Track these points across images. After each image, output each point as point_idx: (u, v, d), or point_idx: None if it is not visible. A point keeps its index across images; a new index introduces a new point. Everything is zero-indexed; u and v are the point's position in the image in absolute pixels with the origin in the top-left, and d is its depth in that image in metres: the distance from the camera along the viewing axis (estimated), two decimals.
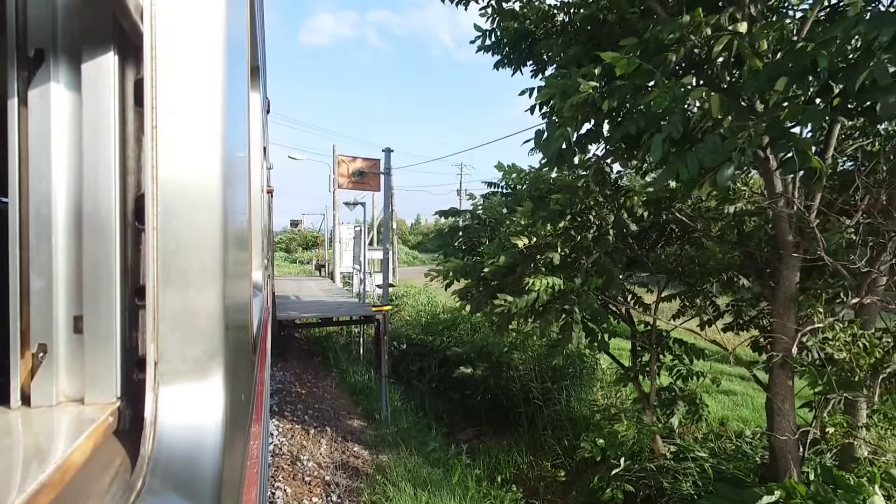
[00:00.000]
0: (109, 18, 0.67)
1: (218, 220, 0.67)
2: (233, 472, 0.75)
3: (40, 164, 0.65)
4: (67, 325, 0.66)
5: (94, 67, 0.66)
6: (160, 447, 0.59)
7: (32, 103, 0.64)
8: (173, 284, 0.63)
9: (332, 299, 14.09)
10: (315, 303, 12.99)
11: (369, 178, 8.12)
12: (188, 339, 0.64)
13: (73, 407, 0.65)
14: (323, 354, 11.85)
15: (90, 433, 0.57)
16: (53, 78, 0.65)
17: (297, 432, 6.65)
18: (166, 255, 0.63)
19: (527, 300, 4.58)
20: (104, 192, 0.66)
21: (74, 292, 0.66)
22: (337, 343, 12.98)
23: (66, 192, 0.66)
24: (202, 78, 0.65)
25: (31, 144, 0.64)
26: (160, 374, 0.62)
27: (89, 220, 0.66)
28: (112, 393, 0.66)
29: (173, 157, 0.64)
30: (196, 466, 0.61)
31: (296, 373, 9.83)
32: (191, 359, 0.64)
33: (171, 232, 0.63)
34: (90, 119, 0.66)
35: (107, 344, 0.66)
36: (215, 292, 0.66)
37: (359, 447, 6.51)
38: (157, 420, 0.60)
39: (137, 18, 0.63)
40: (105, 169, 0.66)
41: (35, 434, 0.59)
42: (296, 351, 11.97)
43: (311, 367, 10.64)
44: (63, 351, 0.66)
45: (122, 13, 0.64)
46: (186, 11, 0.63)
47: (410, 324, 14.25)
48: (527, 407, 8.65)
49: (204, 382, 0.64)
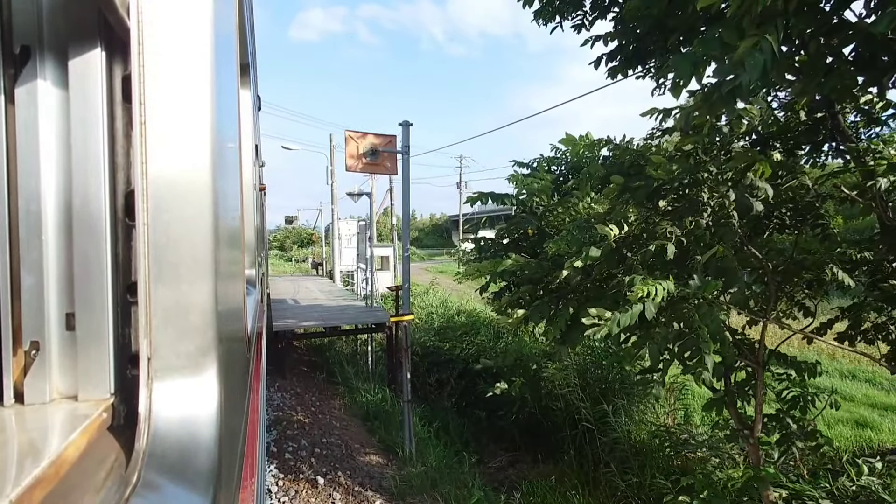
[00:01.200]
0: (95, 14, 0.66)
1: (209, 214, 0.66)
2: (229, 465, 0.75)
3: (29, 162, 0.64)
4: (59, 322, 0.65)
5: (81, 63, 0.66)
6: (155, 442, 0.59)
7: (20, 100, 0.64)
8: (165, 280, 0.63)
9: (335, 303, 12.60)
10: (316, 308, 11.51)
11: (384, 158, 6.66)
12: (181, 335, 0.63)
13: (67, 404, 0.64)
14: (327, 368, 10.42)
15: (84, 429, 0.57)
16: (40, 75, 0.64)
17: (302, 486, 5.23)
18: (157, 251, 0.63)
19: (631, 315, 3.19)
20: (94, 188, 0.66)
21: (66, 289, 0.65)
22: (341, 353, 11.53)
23: (55, 189, 0.65)
24: (190, 72, 0.65)
25: (19, 142, 0.64)
26: (154, 370, 0.62)
27: (79, 217, 0.65)
28: (106, 389, 0.65)
29: (163, 152, 0.64)
30: (192, 460, 0.60)
31: (296, 393, 8.43)
32: (184, 354, 0.63)
33: (161, 227, 0.63)
34: (78, 115, 0.66)
35: (99, 340, 0.65)
36: (208, 287, 0.66)
37: (381, 499, 5.10)
38: (152, 415, 0.60)
39: (124, 14, 0.62)
40: (94, 165, 0.66)
41: (29, 431, 0.59)
42: (294, 364, 10.55)
43: (313, 385, 9.23)
44: (55, 348, 0.65)
45: (108, 8, 0.64)
46: (173, 6, 0.62)
47: (421, 328, 12.81)
48: (572, 430, 7.28)
49: (198, 377, 0.64)
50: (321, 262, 25.10)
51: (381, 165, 6.69)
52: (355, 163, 6.56)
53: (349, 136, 6.57)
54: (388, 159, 6.71)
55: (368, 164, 6.60)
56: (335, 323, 9.53)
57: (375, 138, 6.65)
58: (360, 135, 6.58)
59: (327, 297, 14.00)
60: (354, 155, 6.57)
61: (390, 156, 6.72)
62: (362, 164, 6.59)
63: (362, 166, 6.62)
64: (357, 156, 6.56)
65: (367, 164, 6.61)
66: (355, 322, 9.83)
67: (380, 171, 6.86)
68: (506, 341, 10.32)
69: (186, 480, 0.58)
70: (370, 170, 6.89)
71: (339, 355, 11.13)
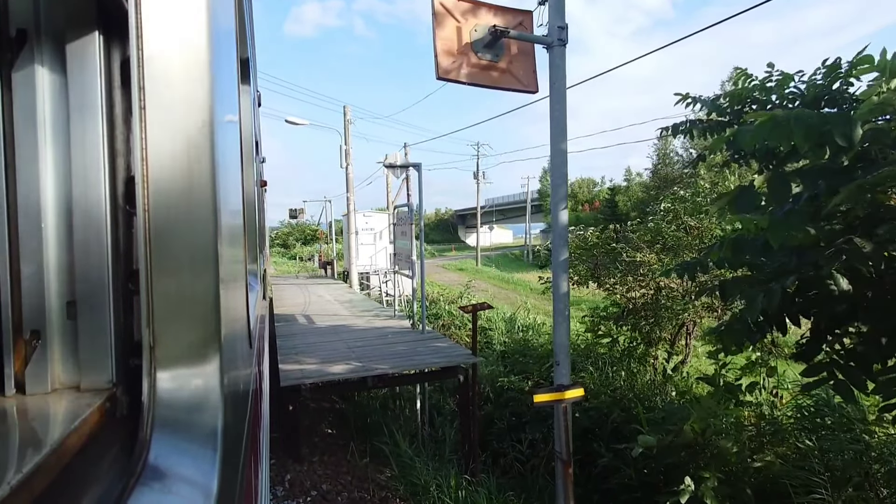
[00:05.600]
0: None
1: (210, 201, 0.65)
2: (234, 454, 0.74)
3: (27, 148, 0.63)
4: (60, 311, 0.64)
5: (78, 47, 0.64)
6: (158, 431, 0.58)
7: (17, 85, 0.62)
8: (167, 268, 0.62)
9: (365, 322, 8.93)
10: (340, 333, 7.89)
11: (513, 53, 3.24)
12: (184, 324, 0.63)
13: (69, 393, 0.64)
14: (361, 427, 6.95)
15: (86, 418, 0.56)
16: (37, 59, 0.63)
17: None
18: (158, 239, 0.62)
19: None
20: (93, 175, 0.65)
21: (66, 278, 0.64)
22: (378, 400, 8.02)
23: (53, 176, 0.64)
24: (190, 56, 0.63)
25: (16, 128, 0.62)
26: (156, 359, 0.61)
27: (79, 205, 0.64)
28: (107, 379, 0.65)
29: (163, 138, 0.62)
30: (196, 449, 0.60)
31: (321, 494, 4.96)
32: (186, 343, 0.63)
33: (162, 215, 0.62)
34: (76, 101, 0.64)
35: (100, 330, 0.64)
36: (210, 276, 0.65)
37: None
38: (155, 404, 0.60)
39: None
40: (93, 152, 0.65)
41: (31, 420, 0.58)
42: (313, 427, 7.09)
43: (345, 468, 5.75)
44: (56, 338, 0.64)
45: None
46: None
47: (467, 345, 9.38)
48: None
49: (201, 367, 0.63)
50: (330, 262, 21.75)
51: (505, 72, 3.23)
52: (455, 63, 3.08)
53: (441, 5, 3.07)
54: (520, 58, 3.23)
55: (482, 66, 3.14)
56: (379, 366, 6.05)
57: (496, 13, 3.17)
58: (466, 4, 3.10)
59: (349, 310, 10.46)
60: (453, 49, 3.09)
61: (523, 53, 3.23)
62: (469, 66, 3.11)
63: (469, 71, 3.14)
64: (459, 50, 3.08)
65: (480, 68, 3.15)
66: (411, 363, 6.34)
67: (504, 82, 3.36)
68: (619, 375, 6.93)
69: (191, 473, 0.57)
70: (484, 79, 3.35)
71: (383, 411, 7.60)
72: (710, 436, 4.71)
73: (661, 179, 37.10)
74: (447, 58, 3.07)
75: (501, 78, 3.29)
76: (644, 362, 7.82)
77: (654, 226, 7.63)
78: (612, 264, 7.74)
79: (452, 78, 3.10)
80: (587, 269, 8.18)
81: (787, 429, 4.91)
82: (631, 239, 7.82)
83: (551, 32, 3.31)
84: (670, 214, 7.50)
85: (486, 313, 10.60)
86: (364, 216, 17.54)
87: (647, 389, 7.09)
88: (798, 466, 4.30)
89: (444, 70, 3.08)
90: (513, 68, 3.29)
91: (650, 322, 7.45)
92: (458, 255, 50.81)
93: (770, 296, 2.52)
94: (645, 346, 7.88)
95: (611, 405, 6.50)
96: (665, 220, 7.54)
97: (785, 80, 3.72)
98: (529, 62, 3.39)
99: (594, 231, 8.69)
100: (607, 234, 8.32)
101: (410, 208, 8.42)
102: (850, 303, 2.74)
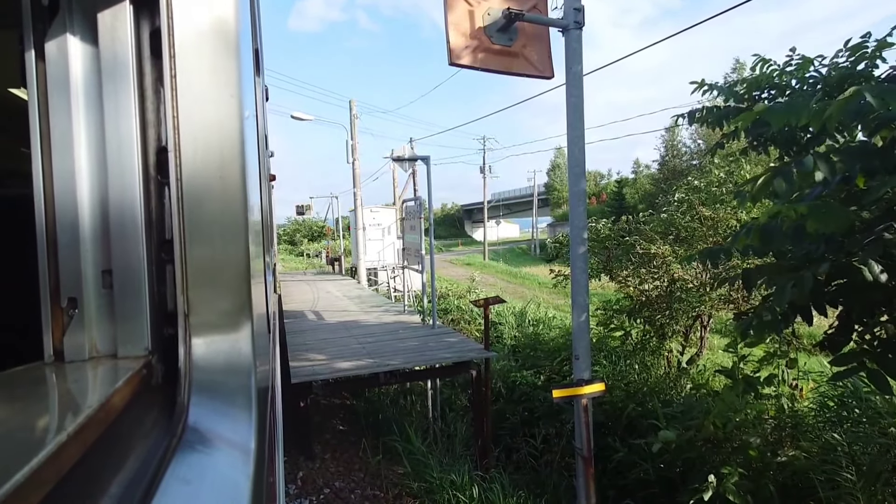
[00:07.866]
0: None
1: (240, 172, 0.65)
2: (264, 418, 0.75)
3: (61, 118, 0.63)
4: (96, 280, 0.64)
5: (109, 17, 0.64)
6: (196, 395, 0.60)
7: (50, 55, 0.63)
8: (199, 238, 0.63)
9: (374, 317, 9.01)
10: (350, 329, 7.93)
11: (527, 38, 3.13)
12: (217, 292, 0.63)
13: (106, 361, 0.64)
14: (374, 424, 6.91)
15: (127, 380, 0.57)
16: (69, 29, 0.63)
17: None
18: (191, 209, 0.62)
19: None
20: (126, 144, 0.64)
21: (101, 247, 0.65)
22: (388, 395, 7.97)
23: (87, 145, 0.64)
24: (219, 27, 0.64)
25: (50, 98, 0.63)
26: (191, 326, 0.62)
27: (113, 174, 0.64)
28: (143, 346, 0.65)
29: (193, 107, 0.63)
30: (234, 413, 0.61)
31: (334, 492, 4.91)
32: (220, 311, 0.63)
33: (194, 184, 0.63)
34: (108, 70, 0.64)
35: (136, 298, 0.65)
36: (241, 245, 0.65)
37: None
38: (191, 369, 0.61)
39: None
40: (126, 121, 0.65)
41: (71, 384, 0.59)
42: (324, 423, 7.06)
43: (358, 465, 5.72)
44: (93, 306, 0.64)
45: None
46: None
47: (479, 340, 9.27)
48: None
49: (235, 334, 0.64)
50: (338, 258, 21.71)
51: (519, 57, 3.11)
52: (467, 48, 2.96)
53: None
54: (535, 42, 3.12)
55: (495, 50, 3.02)
56: (390, 361, 5.99)
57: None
58: None
59: (359, 306, 10.44)
60: (465, 33, 2.97)
61: (537, 36, 3.12)
62: (482, 51, 3.00)
63: (483, 57, 3.03)
64: (472, 34, 2.97)
65: (493, 53, 3.04)
66: (422, 358, 6.27)
67: (518, 67, 3.25)
68: (629, 367, 6.78)
69: (229, 430, 0.59)
70: (497, 64, 3.24)
71: (394, 407, 7.53)
72: (731, 430, 4.60)
73: (670, 171, 36.82)
74: (460, 39, 2.96)
75: (515, 63, 3.17)
76: (658, 355, 7.69)
77: (667, 216, 7.48)
78: (625, 256, 7.60)
79: (465, 63, 2.99)
80: (599, 262, 8.05)
81: (809, 422, 4.78)
82: (643, 230, 7.67)
83: (567, 14, 3.19)
84: (685, 205, 7.34)
85: (495, 308, 10.50)
86: (371, 211, 17.49)
87: (662, 383, 6.97)
88: (823, 461, 4.18)
89: (456, 55, 2.96)
90: (527, 53, 3.17)
91: (665, 315, 7.31)
92: (464, 250, 50.65)
93: (801, 284, 2.40)
94: (658, 339, 7.75)
95: (625, 399, 6.39)
96: (679, 210, 7.39)
97: (805, 64, 3.60)
98: (544, 46, 3.27)
99: (606, 223, 8.55)
100: (620, 226, 8.18)
101: (419, 202, 8.32)
102: (885, 291, 2.62)
